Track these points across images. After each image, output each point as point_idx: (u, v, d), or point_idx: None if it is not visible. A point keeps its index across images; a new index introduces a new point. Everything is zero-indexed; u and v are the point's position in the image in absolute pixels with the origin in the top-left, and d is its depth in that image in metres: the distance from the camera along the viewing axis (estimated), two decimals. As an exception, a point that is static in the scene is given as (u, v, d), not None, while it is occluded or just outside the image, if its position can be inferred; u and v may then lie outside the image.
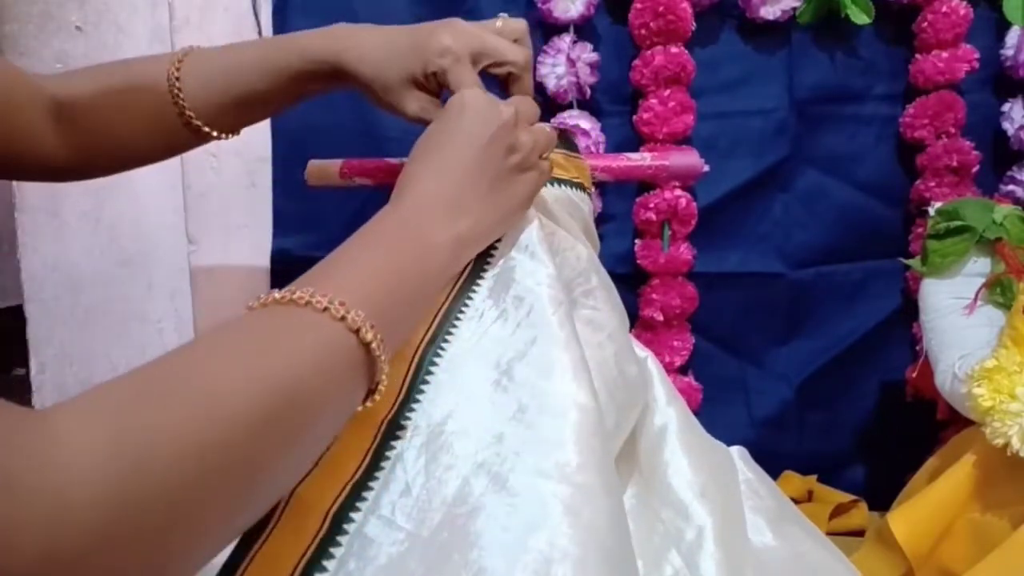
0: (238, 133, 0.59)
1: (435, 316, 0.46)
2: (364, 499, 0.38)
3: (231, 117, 0.57)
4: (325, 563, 0.35)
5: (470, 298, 0.48)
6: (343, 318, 0.33)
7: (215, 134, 0.57)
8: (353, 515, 0.37)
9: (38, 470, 0.22)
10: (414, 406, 0.41)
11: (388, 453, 0.39)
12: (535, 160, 0.49)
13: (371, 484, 0.38)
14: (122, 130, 0.56)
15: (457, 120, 0.47)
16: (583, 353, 0.45)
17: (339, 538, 0.36)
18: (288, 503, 0.36)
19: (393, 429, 0.41)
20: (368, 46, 0.54)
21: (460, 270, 0.46)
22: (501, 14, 0.54)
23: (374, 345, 0.34)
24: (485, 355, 0.43)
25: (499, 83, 0.56)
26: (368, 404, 0.37)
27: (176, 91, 0.55)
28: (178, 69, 0.55)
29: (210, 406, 0.27)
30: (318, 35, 0.56)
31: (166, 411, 0.26)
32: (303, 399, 0.31)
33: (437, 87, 0.54)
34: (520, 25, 0.54)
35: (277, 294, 0.34)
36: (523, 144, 0.48)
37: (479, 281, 0.49)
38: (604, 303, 0.55)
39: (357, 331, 0.33)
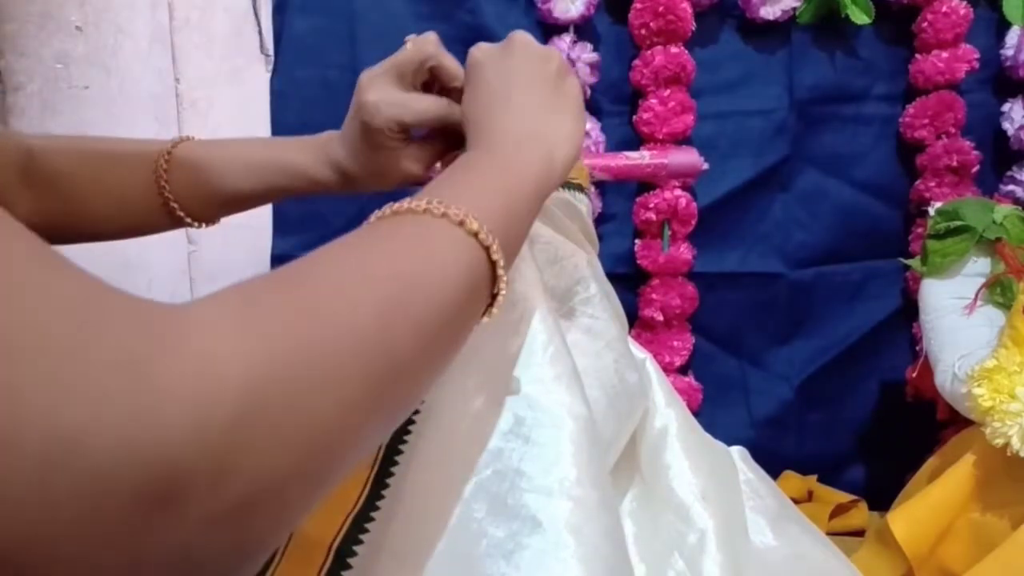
0: (216, 223, 0.60)
1: None
2: (367, 531, 0.37)
3: (213, 210, 0.58)
4: None
5: None
6: (476, 233, 0.34)
7: (192, 222, 0.58)
8: (356, 548, 0.37)
9: (181, 348, 0.22)
10: (410, 428, 0.41)
11: (388, 481, 0.39)
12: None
13: (373, 515, 0.38)
14: (96, 203, 0.56)
15: (507, 59, 0.48)
16: (574, 363, 0.45)
17: (343, 572, 0.36)
18: (292, 536, 0.36)
19: (391, 455, 0.40)
20: (332, 144, 0.55)
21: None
22: (408, 37, 0.53)
23: (500, 260, 0.35)
24: (478, 364, 0.43)
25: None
26: (485, 319, 0.37)
27: (162, 178, 0.55)
28: (167, 159, 0.56)
29: (350, 308, 0.28)
30: (303, 148, 0.57)
31: (307, 309, 0.27)
32: (440, 305, 0.32)
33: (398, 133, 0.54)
34: (431, 36, 0.54)
35: (410, 203, 0.34)
36: (553, 53, 0.50)
37: None
38: (603, 311, 0.54)
39: (488, 248, 0.35)
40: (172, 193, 0.56)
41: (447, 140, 0.53)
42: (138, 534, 0.20)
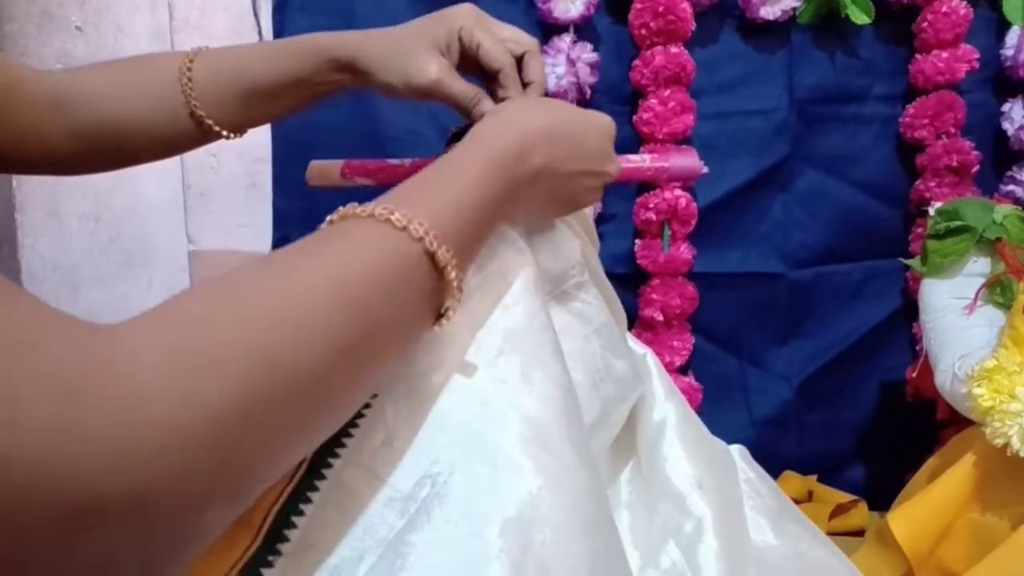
0: (242, 133, 0.60)
1: None
2: (344, 445, 0.38)
3: (237, 113, 0.58)
4: (302, 507, 0.36)
5: None
6: (420, 238, 0.34)
7: (220, 131, 0.58)
8: (332, 460, 0.37)
9: (109, 375, 0.22)
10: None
11: (370, 401, 0.39)
12: (601, 187, 0.52)
13: (351, 431, 0.38)
14: (127, 120, 0.57)
15: (584, 116, 0.49)
16: (556, 337, 0.45)
17: (317, 482, 0.36)
18: None
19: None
20: (381, 33, 0.56)
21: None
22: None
23: (449, 269, 0.35)
24: (467, 313, 0.43)
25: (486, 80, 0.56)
26: (436, 329, 0.38)
27: (187, 83, 0.56)
28: (191, 62, 0.56)
29: (284, 314, 0.28)
30: (327, 34, 0.57)
31: (240, 318, 0.27)
32: (378, 312, 0.32)
33: (458, 56, 0.55)
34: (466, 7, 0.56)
35: (357, 208, 0.34)
36: (609, 173, 0.50)
37: None
38: (595, 298, 0.55)
39: (433, 254, 0.34)
40: (196, 95, 0.56)
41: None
42: (58, 550, 0.21)
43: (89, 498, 0.21)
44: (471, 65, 0.55)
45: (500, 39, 0.55)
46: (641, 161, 0.69)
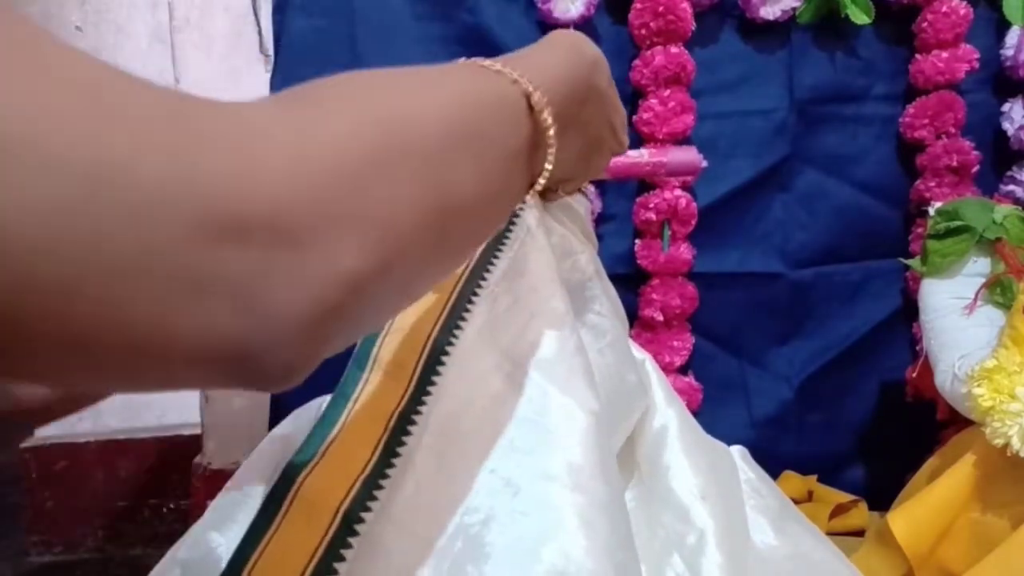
0: None
1: (448, 298, 0.46)
2: (375, 498, 0.37)
3: None
4: (336, 565, 0.35)
5: (484, 279, 0.47)
6: (528, 94, 0.35)
7: None
8: (364, 515, 0.36)
9: (225, 112, 0.22)
10: (425, 399, 0.41)
11: (399, 450, 0.39)
12: (616, 136, 0.52)
13: (382, 483, 0.37)
14: None
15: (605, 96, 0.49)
16: (588, 360, 0.45)
17: (350, 539, 0.36)
18: (296, 493, 0.36)
19: (404, 423, 0.40)
20: None
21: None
22: None
23: (545, 113, 0.36)
24: (498, 343, 0.43)
25: None
26: (530, 194, 0.38)
27: None
28: None
29: (407, 101, 0.29)
30: None
31: (365, 100, 0.28)
32: (482, 124, 0.32)
33: None
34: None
35: (466, 60, 0.36)
36: (618, 129, 0.50)
37: (493, 260, 0.48)
38: (608, 310, 0.55)
39: (529, 94, 0.35)
40: None
41: None
42: (198, 258, 0.20)
43: (219, 208, 0.20)
44: None
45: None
46: (640, 156, 0.69)
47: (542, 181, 0.37)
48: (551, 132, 0.36)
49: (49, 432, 1.37)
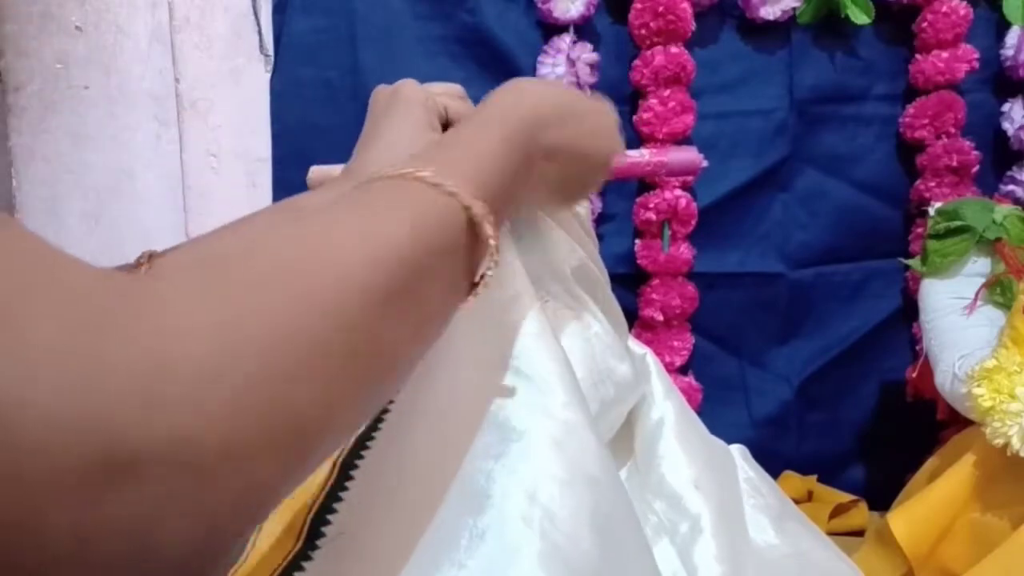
0: None
1: None
2: (341, 500, 0.38)
3: None
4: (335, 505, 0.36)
5: None
6: (453, 194, 0.32)
7: None
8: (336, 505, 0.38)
9: (135, 306, 0.20)
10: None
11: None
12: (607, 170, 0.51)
13: (352, 473, 0.39)
14: None
15: (587, 97, 0.48)
16: (564, 354, 0.45)
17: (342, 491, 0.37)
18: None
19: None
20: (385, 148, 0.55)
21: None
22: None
23: (484, 225, 0.33)
24: (476, 319, 0.43)
25: None
26: (470, 299, 0.36)
27: None
28: None
29: (322, 256, 0.26)
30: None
31: (277, 259, 0.25)
32: (418, 268, 0.30)
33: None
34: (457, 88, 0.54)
35: (387, 170, 0.33)
36: (616, 151, 0.49)
37: None
38: (602, 299, 0.55)
39: (468, 208, 0.33)
40: None
41: None
42: (86, 509, 0.18)
43: (115, 446, 0.18)
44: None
45: (442, 93, 0.53)
46: (640, 156, 0.69)
47: (481, 290, 0.35)
48: (492, 243, 0.34)
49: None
